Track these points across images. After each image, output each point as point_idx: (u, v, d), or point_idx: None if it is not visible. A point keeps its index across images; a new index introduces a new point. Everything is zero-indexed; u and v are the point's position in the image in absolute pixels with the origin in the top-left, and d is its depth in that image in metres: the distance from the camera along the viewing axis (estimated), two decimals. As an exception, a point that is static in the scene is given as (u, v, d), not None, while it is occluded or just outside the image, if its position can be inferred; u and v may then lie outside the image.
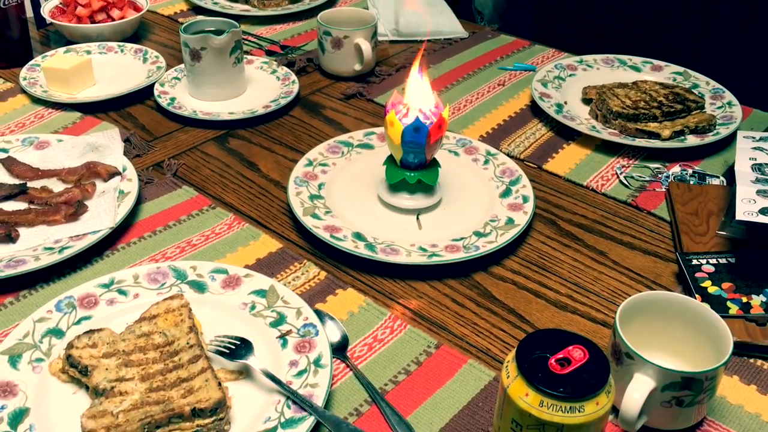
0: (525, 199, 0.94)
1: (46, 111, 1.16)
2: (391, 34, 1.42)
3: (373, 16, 1.28)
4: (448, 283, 0.84)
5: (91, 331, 0.70)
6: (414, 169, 0.90)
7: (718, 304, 0.77)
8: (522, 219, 0.91)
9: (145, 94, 1.20)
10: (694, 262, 0.83)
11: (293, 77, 1.23)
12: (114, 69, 1.27)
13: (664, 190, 1.00)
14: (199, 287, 0.79)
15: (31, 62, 1.25)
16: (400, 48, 1.40)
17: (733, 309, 0.76)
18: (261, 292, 0.78)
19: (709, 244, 0.87)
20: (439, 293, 0.83)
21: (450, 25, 1.45)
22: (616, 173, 1.03)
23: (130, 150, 1.06)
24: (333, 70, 1.28)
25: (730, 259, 0.83)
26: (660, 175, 1.02)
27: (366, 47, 1.23)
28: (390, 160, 0.92)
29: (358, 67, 1.26)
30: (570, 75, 1.25)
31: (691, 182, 1.01)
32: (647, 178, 1.02)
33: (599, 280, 0.85)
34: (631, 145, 1.07)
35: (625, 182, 1.01)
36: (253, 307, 0.77)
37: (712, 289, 0.79)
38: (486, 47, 1.39)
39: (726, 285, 0.79)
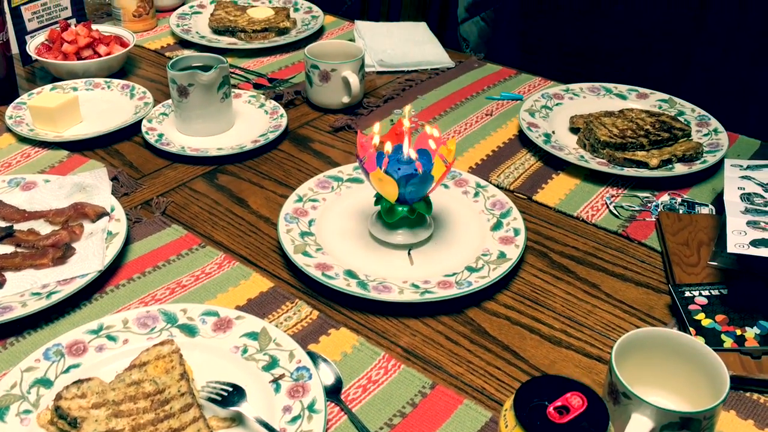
0: (516, 232, 0.94)
1: (33, 150, 1.15)
2: (378, 65, 1.42)
3: (360, 48, 1.28)
4: (442, 320, 0.84)
5: (79, 381, 0.69)
6: (411, 204, 0.89)
7: (712, 337, 0.77)
8: (514, 252, 0.90)
9: (132, 130, 1.20)
10: (687, 294, 0.83)
11: (281, 111, 1.23)
12: (101, 105, 1.26)
13: (653, 219, 1.00)
14: (189, 331, 0.78)
15: (17, 100, 1.24)
16: (387, 79, 1.40)
17: (728, 342, 0.76)
18: (253, 335, 0.77)
19: (701, 275, 0.87)
20: (432, 330, 0.82)
21: (436, 55, 1.46)
22: (606, 203, 1.03)
23: (118, 188, 1.05)
24: (321, 103, 1.28)
25: (722, 291, 0.83)
26: (649, 205, 1.03)
27: (353, 80, 1.23)
28: (382, 199, 0.91)
29: (346, 99, 1.26)
30: (557, 104, 1.26)
31: (681, 211, 1.01)
32: (637, 208, 1.02)
33: (592, 314, 0.85)
34: (620, 175, 1.07)
35: (615, 212, 1.02)
36: (245, 351, 0.76)
37: (706, 322, 0.79)
38: (473, 76, 1.40)
39: (720, 317, 0.79)
